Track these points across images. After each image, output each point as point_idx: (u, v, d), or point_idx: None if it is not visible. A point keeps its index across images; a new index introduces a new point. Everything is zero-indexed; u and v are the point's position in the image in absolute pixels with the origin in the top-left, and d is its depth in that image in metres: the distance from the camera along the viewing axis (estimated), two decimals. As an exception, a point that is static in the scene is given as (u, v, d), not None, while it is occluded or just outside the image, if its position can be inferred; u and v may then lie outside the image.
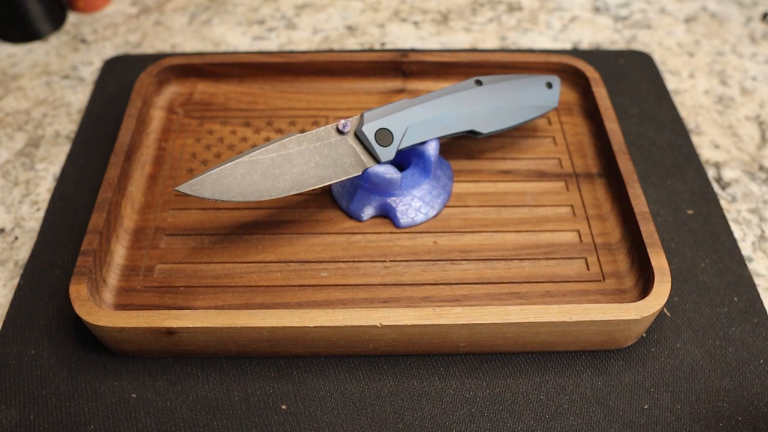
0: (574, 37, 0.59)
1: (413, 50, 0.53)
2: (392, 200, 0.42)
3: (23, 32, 0.58)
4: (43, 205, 0.46)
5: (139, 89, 0.47)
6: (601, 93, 0.48)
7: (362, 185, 0.42)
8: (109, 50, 0.58)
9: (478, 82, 0.43)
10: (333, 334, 0.36)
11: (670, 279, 0.37)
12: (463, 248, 0.41)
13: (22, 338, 0.39)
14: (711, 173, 0.48)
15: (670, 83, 0.55)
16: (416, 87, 0.51)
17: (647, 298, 0.36)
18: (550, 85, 0.46)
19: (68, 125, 0.51)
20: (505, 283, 0.40)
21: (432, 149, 0.41)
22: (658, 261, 0.38)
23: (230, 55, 0.52)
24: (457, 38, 0.59)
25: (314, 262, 0.41)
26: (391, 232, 0.42)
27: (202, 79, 0.51)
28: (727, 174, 0.48)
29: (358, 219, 0.43)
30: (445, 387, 0.37)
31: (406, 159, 0.43)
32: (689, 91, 0.55)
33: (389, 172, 0.40)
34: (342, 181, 0.43)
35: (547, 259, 0.41)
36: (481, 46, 0.58)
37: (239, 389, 0.37)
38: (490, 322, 0.35)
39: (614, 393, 0.37)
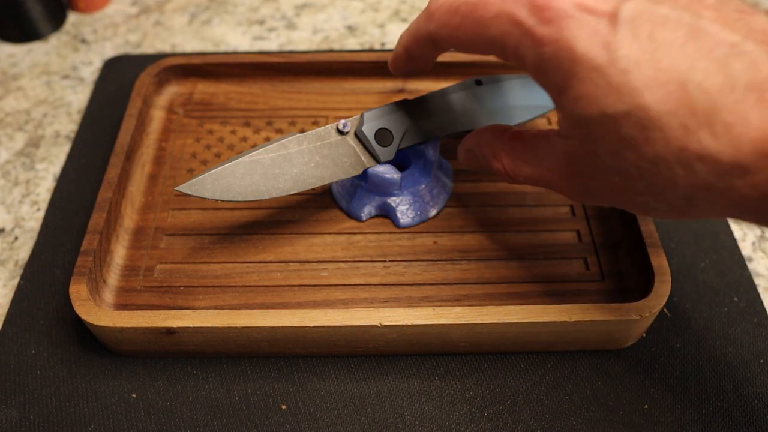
0: (574, 37, 0.59)
1: (413, 50, 0.53)
2: (392, 200, 0.42)
3: (23, 32, 0.58)
4: (43, 205, 0.46)
5: (139, 89, 0.47)
6: (601, 93, 0.48)
7: (362, 185, 0.42)
8: (109, 50, 0.58)
9: (478, 82, 0.43)
10: (333, 334, 0.36)
11: (670, 279, 0.37)
12: (463, 248, 0.41)
13: (22, 338, 0.39)
14: (711, 173, 0.48)
15: (670, 83, 0.55)
16: (416, 87, 0.51)
17: (647, 298, 0.36)
18: (550, 85, 0.46)
19: (68, 125, 0.51)
20: (505, 283, 0.40)
21: (432, 149, 0.41)
22: (658, 261, 0.38)
23: (230, 55, 0.52)
24: (457, 38, 0.59)
25: (314, 262, 0.41)
26: (391, 232, 0.42)
27: (202, 79, 0.51)
28: (727, 174, 0.48)
29: (358, 219, 0.43)
30: (445, 387, 0.37)
31: (406, 159, 0.43)
32: (689, 91, 0.54)
33: (389, 172, 0.40)
34: (342, 181, 0.43)
35: (547, 259, 0.41)
36: (481, 46, 0.58)
37: (239, 389, 0.37)
38: (490, 322, 0.35)
39: (614, 393, 0.37)
